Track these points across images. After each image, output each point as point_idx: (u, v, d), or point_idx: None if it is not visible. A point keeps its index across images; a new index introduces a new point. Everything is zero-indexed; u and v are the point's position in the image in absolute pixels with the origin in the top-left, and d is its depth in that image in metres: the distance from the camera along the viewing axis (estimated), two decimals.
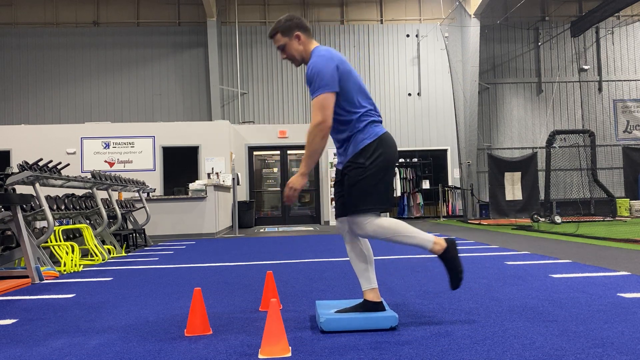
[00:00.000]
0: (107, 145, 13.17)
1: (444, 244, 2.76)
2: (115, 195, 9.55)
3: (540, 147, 14.93)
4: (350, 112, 2.75)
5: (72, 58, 15.57)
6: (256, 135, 14.80)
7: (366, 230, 2.73)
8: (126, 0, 15.91)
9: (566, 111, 16.60)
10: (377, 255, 6.16)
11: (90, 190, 7.61)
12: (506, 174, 13.83)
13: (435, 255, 2.77)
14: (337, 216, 2.88)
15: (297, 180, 2.70)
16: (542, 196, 12.79)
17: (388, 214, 14.81)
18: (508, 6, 16.06)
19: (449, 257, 2.76)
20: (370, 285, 2.81)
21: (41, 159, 6.27)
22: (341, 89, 2.72)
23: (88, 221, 7.67)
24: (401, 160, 15.79)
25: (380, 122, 2.84)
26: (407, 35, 16.10)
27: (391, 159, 2.77)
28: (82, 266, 5.98)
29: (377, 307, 2.77)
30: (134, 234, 8.59)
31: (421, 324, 2.81)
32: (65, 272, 5.52)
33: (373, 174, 2.71)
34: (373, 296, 2.79)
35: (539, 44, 16.53)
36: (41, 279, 4.90)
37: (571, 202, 13.99)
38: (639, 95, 16.80)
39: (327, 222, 14.43)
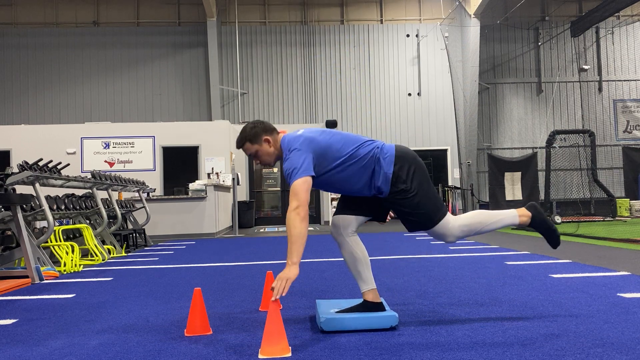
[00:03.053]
0: (107, 145, 13.17)
1: (528, 213, 2.86)
2: (115, 195, 9.54)
3: (540, 147, 14.93)
4: (354, 164, 2.72)
5: (72, 58, 15.57)
6: None
7: (455, 233, 2.77)
8: (126, 0, 15.91)
9: (566, 111, 16.60)
10: (377, 255, 6.16)
11: (90, 190, 7.61)
12: (506, 174, 13.83)
13: (526, 226, 2.89)
14: (336, 214, 2.87)
15: (290, 272, 2.43)
16: (542, 196, 12.79)
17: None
18: (508, 6, 16.06)
19: (538, 222, 2.88)
20: (368, 287, 2.80)
21: (41, 159, 6.27)
22: (330, 157, 2.70)
23: (88, 221, 7.67)
24: None
25: (374, 143, 2.79)
26: (407, 35, 16.10)
27: (422, 167, 2.79)
28: (82, 266, 5.98)
29: (377, 307, 2.77)
30: (134, 234, 8.59)
31: (421, 324, 2.81)
32: (65, 272, 5.52)
33: (421, 189, 2.72)
34: (373, 297, 2.79)
35: (539, 44, 16.53)
36: (41, 279, 4.90)
37: (571, 202, 13.99)
38: (639, 95, 16.80)
39: (327, 222, 14.43)
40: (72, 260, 5.79)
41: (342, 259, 5.91)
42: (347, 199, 2.88)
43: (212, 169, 13.34)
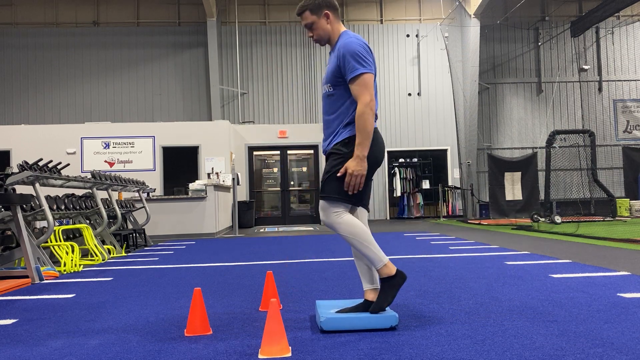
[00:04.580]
0: (107, 145, 13.17)
1: (393, 271, 2.70)
2: (115, 195, 9.55)
3: (540, 147, 14.94)
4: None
5: (72, 58, 15.57)
6: (256, 135, 14.80)
7: (331, 219, 2.71)
8: (126, 0, 15.91)
9: (566, 111, 16.60)
10: None
11: (90, 190, 7.61)
12: (506, 174, 13.83)
13: (379, 277, 2.74)
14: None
15: (359, 166, 2.61)
16: (542, 196, 12.79)
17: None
18: (508, 6, 16.06)
19: (390, 284, 2.70)
20: (372, 285, 2.80)
21: (41, 159, 6.27)
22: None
23: (88, 221, 7.67)
24: (401, 160, 15.79)
25: (376, 118, 2.83)
26: (407, 35, 16.10)
27: (375, 158, 2.73)
28: (82, 266, 5.98)
29: None
30: (134, 234, 8.59)
31: (421, 324, 2.81)
32: (65, 272, 5.52)
33: None
34: (374, 296, 2.78)
35: (539, 44, 16.53)
36: (41, 279, 4.90)
37: (571, 202, 13.99)
38: (639, 95, 16.80)
39: None
40: (72, 260, 5.79)
41: (344, 258, 5.91)
42: None
43: (212, 169, 13.34)
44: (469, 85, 15.16)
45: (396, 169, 15.63)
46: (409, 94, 15.95)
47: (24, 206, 5.60)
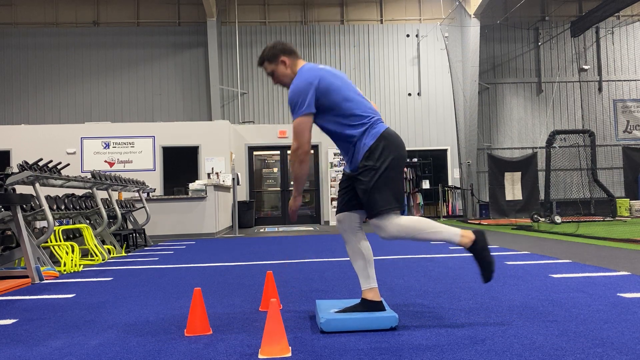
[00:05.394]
0: (107, 145, 13.17)
1: (472, 236, 2.74)
2: (115, 195, 9.54)
3: (540, 147, 14.93)
4: (345, 125, 2.76)
5: (72, 58, 15.56)
6: (256, 135, 14.80)
7: (390, 231, 2.71)
8: (126, 0, 15.91)
9: (566, 111, 16.60)
10: (378, 255, 6.15)
11: (90, 190, 7.61)
12: (506, 174, 13.83)
13: (465, 248, 2.77)
14: (337, 212, 2.90)
15: (293, 203, 2.91)
16: (542, 196, 12.79)
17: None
18: (508, 6, 16.05)
19: (479, 248, 2.75)
20: (369, 285, 2.81)
21: (41, 159, 6.27)
22: (327, 106, 2.75)
23: (88, 221, 7.67)
24: None
25: (379, 121, 2.82)
26: (407, 35, 16.10)
27: (400, 157, 2.76)
28: (82, 266, 5.98)
29: (376, 306, 2.77)
30: (134, 234, 8.59)
31: (421, 324, 2.81)
32: (65, 272, 5.52)
33: (385, 174, 2.69)
34: (372, 295, 2.79)
35: (539, 44, 16.53)
36: (41, 279, 4.90)
37: (571, 202, 13.99)
38: (639, 95, 16.80)
39: (327, 222, 14.43)
40: (72, 260, 5.79)
41: (344, 258, 5.91)
42: (347, 195, 2.88)
43: (212, 169, 13.34)
44: (469, 85, 15.16)
45: None
46: (409, 94, 15.95)
47: (24, 206, 5.59)
